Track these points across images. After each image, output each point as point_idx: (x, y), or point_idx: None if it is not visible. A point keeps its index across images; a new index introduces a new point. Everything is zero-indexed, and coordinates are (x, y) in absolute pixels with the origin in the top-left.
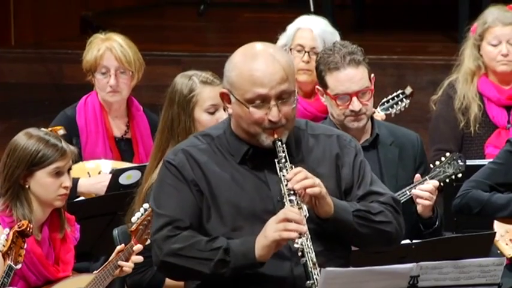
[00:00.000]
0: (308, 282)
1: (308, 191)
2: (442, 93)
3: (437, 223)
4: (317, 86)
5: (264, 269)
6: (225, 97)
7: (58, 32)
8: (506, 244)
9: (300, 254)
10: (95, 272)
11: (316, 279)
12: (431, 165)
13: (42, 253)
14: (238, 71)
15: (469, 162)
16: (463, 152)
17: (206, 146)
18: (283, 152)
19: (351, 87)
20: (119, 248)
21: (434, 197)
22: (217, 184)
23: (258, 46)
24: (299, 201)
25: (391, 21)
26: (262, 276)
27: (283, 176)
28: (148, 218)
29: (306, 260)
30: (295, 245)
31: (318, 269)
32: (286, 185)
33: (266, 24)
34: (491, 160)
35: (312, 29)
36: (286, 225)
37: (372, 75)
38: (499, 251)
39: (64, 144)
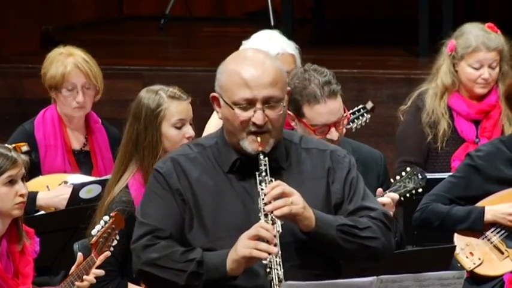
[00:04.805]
0: None
1: (275, 212)
2: (411, 103)
3: (396, 237)
4: (288, 111)
5: (238, 282)
6: (215, 100)
7: (19, 46)
8: (467, 257)
9: (268, 270)
10: (56, 287)
11: None
12: (392, 180)
13: (1, 266)
14: (227, 73)
15: (429, 175)
16: (428, 165)
17: (196, 155)
18: (265, 165)
19: (330, 119)
20: (79, 260)
21: (393, 210)
22: (202, 194)
23: (250, 51)
24: (273, 217)
25: (351, 35)
26: None
27: (262, 189)
28: (109, 230)
29: (272, 277)
30: (264, 261)
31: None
32: (263, 199)
33: (226, 38)
34: (451, 173)
35: (294, 54)
36: (257, 244)
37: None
38: (459, 264)
39: (14, 153)
